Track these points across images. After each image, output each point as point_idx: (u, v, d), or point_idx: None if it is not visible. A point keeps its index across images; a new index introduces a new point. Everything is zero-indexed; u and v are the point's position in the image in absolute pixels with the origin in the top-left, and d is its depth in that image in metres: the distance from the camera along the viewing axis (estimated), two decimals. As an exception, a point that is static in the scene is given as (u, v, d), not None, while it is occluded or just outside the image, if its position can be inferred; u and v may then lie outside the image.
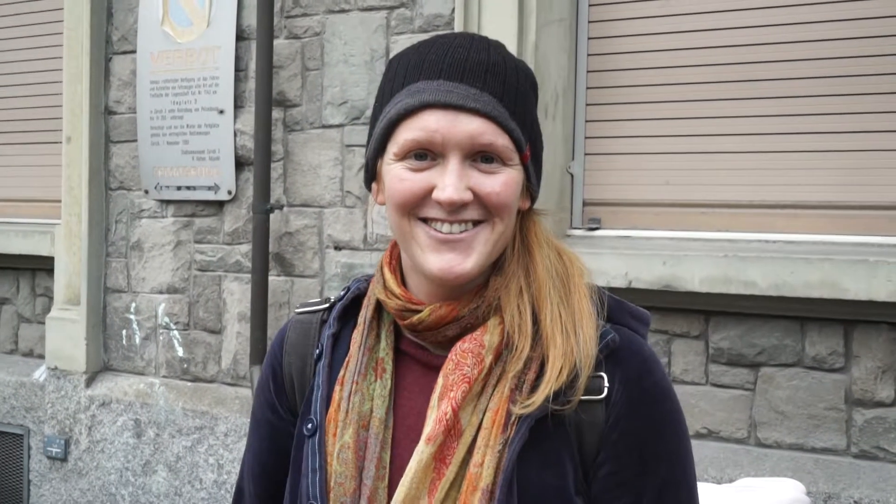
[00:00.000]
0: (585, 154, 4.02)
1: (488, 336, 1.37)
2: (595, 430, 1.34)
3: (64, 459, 5.06)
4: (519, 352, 1.35)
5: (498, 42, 1.42)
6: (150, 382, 4.86)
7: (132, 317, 4.96)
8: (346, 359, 1.47)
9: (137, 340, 4.95)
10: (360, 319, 1.49)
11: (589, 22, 4.01)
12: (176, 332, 4.81)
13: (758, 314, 3.52)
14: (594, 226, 3.98)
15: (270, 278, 4.43)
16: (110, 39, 5.00)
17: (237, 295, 4.61)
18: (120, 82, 4.97)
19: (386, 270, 1.47)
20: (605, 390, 1.34)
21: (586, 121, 4.02)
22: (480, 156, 1.34)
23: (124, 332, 4.99)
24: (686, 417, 3.62)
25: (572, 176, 4.02)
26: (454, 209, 1.33)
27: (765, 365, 3.51)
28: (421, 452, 1.33)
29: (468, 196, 1.33)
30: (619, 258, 3.65)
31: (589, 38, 4.01)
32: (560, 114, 3.96)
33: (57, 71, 5.22)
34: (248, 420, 1.62)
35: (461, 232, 1.35)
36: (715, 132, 3.78)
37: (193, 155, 4.68)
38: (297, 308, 1.62)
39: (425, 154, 1.34)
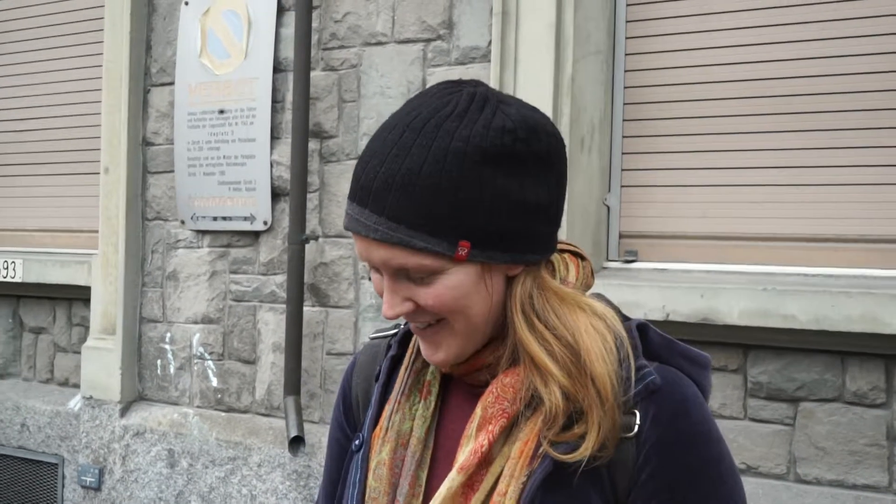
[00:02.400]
0: (622, 186, 4.01)
1: (529, 374, 1.35)
2: (626, 468, 1.31)
3: (98, 489, 5.06)
4: (552, 398, 1.31)
5: (449, 111, 1.31)
6: (185, 412, 4.86)
7: (167, 347, 4.98)
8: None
9: (172, 370, 4.96)
10: (412, 343, 1.52)
11: (626, 54, 4.01)
12: (210, 363, 4.82)
13: (797, 348, 3.48)
14: (631, 258, 3.96)
15: (305, 309, 4.44)
16: (149, 71, 5.05)
17: (272, 325, 4.61)
18: (158, 114, 5.01)
19: None
20: (636, 428, 1.31)
21: (623, 153, 4.01)
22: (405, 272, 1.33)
23: (159, 361, 5.01)
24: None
25: (608, 208, 4.01)
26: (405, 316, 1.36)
27: (804, 400, 3.47)
28: (451, 480, 1.33)
29: (406, 307, 1.34)
30: (657, 291, 3.63)
31: (626, 71, 4.01)
32: (596, 146, 3.95)
33: (96, 103, 5.28)
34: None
35: (425, 328, 1.37)
36: (753, 165, 3.76)
37: (230, 185, 4.70)
38: (371, 333, 1.68)
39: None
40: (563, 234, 3.73)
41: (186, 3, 4.87)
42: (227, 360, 4.77)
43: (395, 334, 1.58)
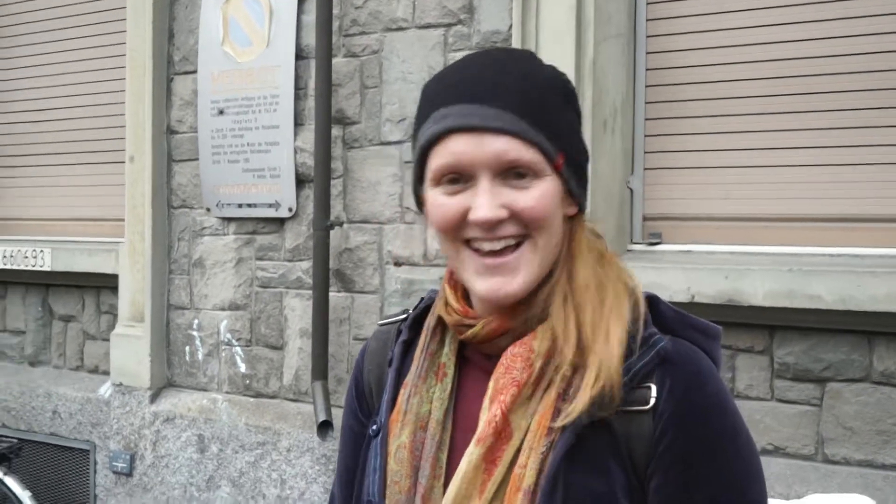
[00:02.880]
0: (645, 168, 4.01)
1: (538, 342, 1.39)
2: (643, 441, 1.33)
3: (129, 474, 5.13)
4: (563, 359, 1.36)
5: (524, 54, 1.48)
6: (214, 398, 4.91)
7: (195, 333, 5.02)
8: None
9: (200, 357, 5.01)
10: (425, 326, 1.54)
11: (647, 37, 3.99)
12: (238, 349, 4.87)
13: (824, 329, 3.47)
14: (655, 240, 3.96)
15: (331, 294, 4.47)
16: (172, 60, 5.08)
17: (298, 311, 4.65)
18: (182, 102, 5.04)
19: (447, 286, 1.52)
20: (653, 400, 1.33)
21: (645, 135, 4.01)
22: (511, 172, 1.36)
23: (187, 348, 5.06)
24: (752, 433, 3.54)
25: (632, 190, 4.01)
26: (492, 227, 1.36)
27: (831, 380, 3.47)
28: (471, 454, 1.36)
29: (503, 213, 1.36)
30: (681, 273, 3.63)
31: (647, 53, 4.00)
32: (619, 128, 3.95)
33: (120, 92, 5.31)
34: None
35: (504, 249, 1.37)
36: (776, 145, 3.75)
37: (254, 173, 4.73)
38: (380, 320, 1.68)
39: (458, 178, 1.37)
40: (597, 222, 3.76)
41: (208, -8, 4.90)
42: (255, 346, 4.81)
43: (405, 319, 1.61)
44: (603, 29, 3.88)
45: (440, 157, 1.37)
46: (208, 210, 4.93)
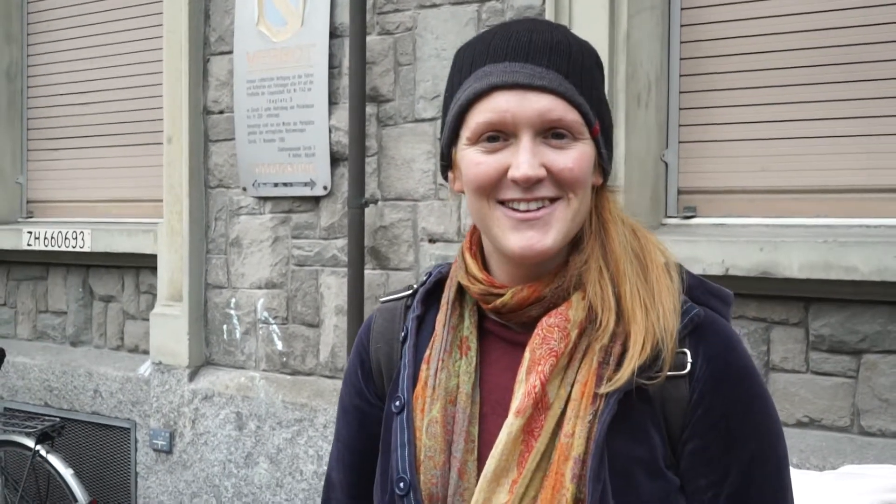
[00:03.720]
0: (679, 142, 3.99)
1: (573, 311, 1.39)
2: (680, 406, 1.36)
3: (169, 452, 5.19)
4: (604, 326, 1.37)
5: (561, 25, 1.47)
6: (251, 376, 4.96)
7: (232, 312, 5.07)
8: (432, 338, 1.51)
9: (238, 335, 5.06)
10: (444, 300, 1.53)
11: (681, 9, 3.98)
12: (275, 327, 4.91)
13: (859, 300, 3.45)
14: (689, 214, 3.95)
15: (366, 272, 4.49)
16: (208, 41, 5.12)
17: (334, 289, 4.68)
18: (218, 82, 5.08)
19: (467, 255, 1.51)
20: (689, 366, 1.35)
21: (680, 108, 3.99)
22: (551, 132, 1.37)
23: (225, 327, 5.10)
24: (787, 406, 3.58)
25: (666, 164, 4.00)
26: (529, 186, 1.36)
27: (867, 352, 3.45)
28: (511, 425, 1.36)
29: (542, 172, 1.36)
30: (716, 245, 3.62)
31: (681, 26, 3.98)
32: (653, 102, 3.94)
33: (157, 73, 5.36)
34: (338, 427, 1.67)
35: (538, 209, 1.37)
36: (811, 117, 3.73)
37: (289, 152, 4.76)
38: (382, 298, 1.68)
39: (497, 136, 1.38)
40: (620, 191, 3.74)
41: (243, -28, 4.93)
42: (292, 324, 4.85)
43: (412, 294, 1.61)
44: (637, 1, 3.87)
45: (482, 114, 1.37)
46: (245, 189, 4.97)
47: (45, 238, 5.82)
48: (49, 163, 6.29)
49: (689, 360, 1.36)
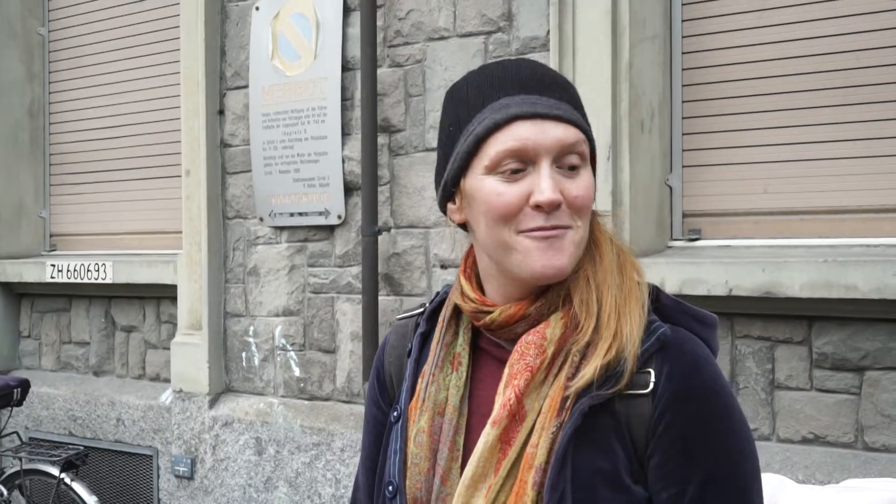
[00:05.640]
0: (683, 166, 4.09)
1: (550, 329, 1.48)
2: (643, 423, 1.41)
3: (191, 478, 5.29)
4: (584, 330, 1.45)
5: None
6: (270, 402, 5.06)
7: (251, 339, 5.18)
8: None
9: (256, 362, 5.16)
10: (440, 319, 1.64)
11: (682, 37, 4.08)
12: (292, 353, 5.01)
13: (861, 318, 3.52)
14: (695, 236, 4.04)
15: (380, 298, 4.59)
16: (224, 76, 5.26)
17: (349, 315, 4.78)
18: (234, 116, 5.21)
19: (462, 278, 1.61)
20: (651, 385, 1.41)
21: (683, 133, 4.09)
22: (564, 161, 1.46)
23: (244, 354, 5.21)
24: (792, 423, 3.65)
25: (671, 188, 4.09)
26: (552, 211, 1.44)
27: (870, 369, 3.52)
28: (487, 434, 1.46)
29: (561, 197, 1.45)
30: (720, 267, 3.69)
31: (683, 53, 4.09)
32: (656, 128, 4.03)
33: (175, 108, 5.49)
34: (363, 435, 1.79)
35: (555, 229, 1.45)
36: (812, 139, 3.81)
37: (304, 182, 4.88)
38: (398, 315, 1.79)
39: (520, 167, 1.45)
40: (626, 215, 3.83)
41: (257, 9, 5.06)
42: (308, 351, 4.95)
43: (423, 313, 1.71)
44: (638, 31, 3.97)
45: (502, 143, 1.44)
46: (261, 220, 5.09)
47: (68, 270, 5.96)
48: (71, 196, 6.44)
49: (653, 378, 1.42)
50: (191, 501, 5.29)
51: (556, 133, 1.45)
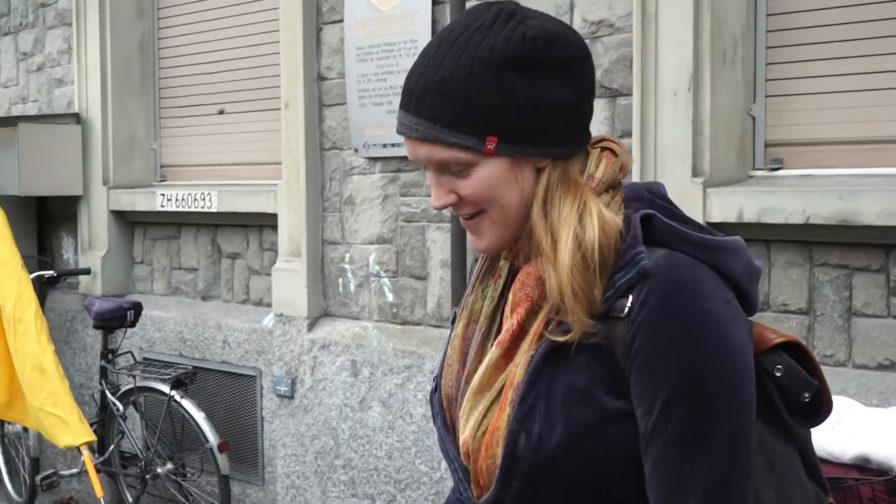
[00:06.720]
0: (766, 96, 4.10)
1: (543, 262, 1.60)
2: (623, 344, 1.49)
3: (291, 397, 5.56)
4: (552, 289, 1.54)
5: (479, 21, 1.53)
6: (364, 326, 5.28)
7: (347, 266, 5.39)
8: None
9: (352, 288, 5.37)
10: None
11: (767, -35, 4.07)
12: (386, 280, 5.20)
13: (938, 246, 3.54)
14: (776, 166, 4.06)
15: (469, 226, 4.72)
16: (320, 11, 5.40)
17: (439, 243, 4.94)
18: (330, 50, 5.37)
19: None
20: (626, 309, 1.49)
21: (767, 63, 4.10)
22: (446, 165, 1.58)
23: (340, 280, 5.43)
24: (868, 349, 3.70)
25: (754, 118, 4.11)
26: (448, 209, 1.60)
27: (946, 296, 3.54)
28: (491, 353, 1.61)
29: (451, 199, 1.58)
30: (797, 195, 3.72)
31: (768, -18, 4.08)
32: (739, 58, 4.05)
33: (275, 43, 5.66)
34: None
35: (469, 219, 1.61)
36: (894, 68, 3.79)
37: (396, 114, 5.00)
38: None
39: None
40: (706, 145, 3.87)
41: (351, -56, 5.19)
42: (401, 277, 5.14)
43: None
44: (722, -39, 3.98)
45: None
46: (356, 151, 5.26)
47: (177, 200, 6.23)
48: (179, 129, 6.71)
49: (629, 304, 1.49)
50: (291, 419, 5.56)
51: (423, 151, 1.55)
